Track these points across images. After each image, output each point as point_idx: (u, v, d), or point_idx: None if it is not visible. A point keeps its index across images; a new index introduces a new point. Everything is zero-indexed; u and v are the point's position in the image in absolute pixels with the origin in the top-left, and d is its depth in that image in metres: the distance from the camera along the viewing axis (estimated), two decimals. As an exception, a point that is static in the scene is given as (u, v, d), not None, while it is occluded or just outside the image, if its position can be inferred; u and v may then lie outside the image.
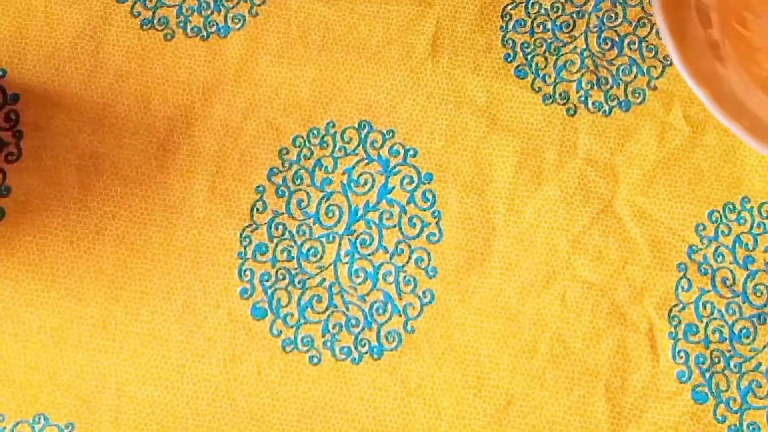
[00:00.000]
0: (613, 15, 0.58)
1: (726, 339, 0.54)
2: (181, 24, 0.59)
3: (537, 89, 0.58)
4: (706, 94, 0.49)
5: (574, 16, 0.57)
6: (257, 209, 0.56)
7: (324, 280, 0.55)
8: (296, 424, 0.53)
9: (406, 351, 0.54)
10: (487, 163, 0.56)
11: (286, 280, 0.55)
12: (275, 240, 0.55)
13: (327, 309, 0.54)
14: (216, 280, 0.55)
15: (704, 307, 0.54)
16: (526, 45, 0.58)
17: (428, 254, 0.55)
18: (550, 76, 0.57)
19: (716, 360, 0.53)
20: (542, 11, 0.57)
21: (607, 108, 0.57)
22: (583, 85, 0.57)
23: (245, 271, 0.55)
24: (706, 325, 0.54)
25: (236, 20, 0.59)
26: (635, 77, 0.57)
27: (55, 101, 0.58)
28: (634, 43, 0.58)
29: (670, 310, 0.54)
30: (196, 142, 0.57)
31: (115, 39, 0.59)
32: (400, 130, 0.57)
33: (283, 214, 0.56)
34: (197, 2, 0.59)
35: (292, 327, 0.54)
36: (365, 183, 0.56)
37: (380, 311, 0.54)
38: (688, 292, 0.54)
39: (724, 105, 0.49)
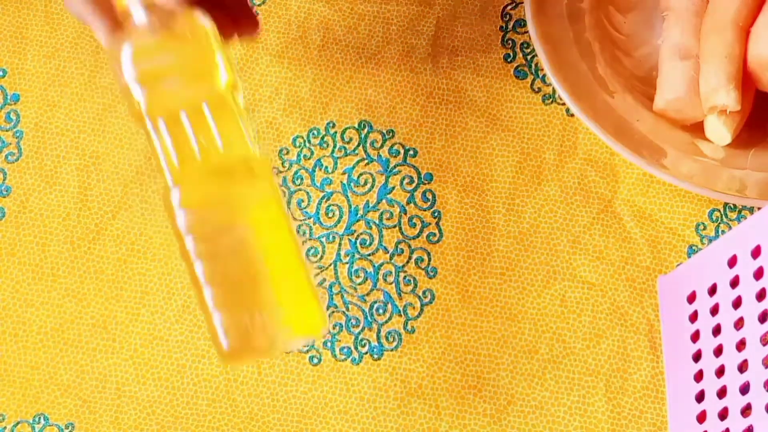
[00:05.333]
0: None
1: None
2: (181, 24, 0.59)
3: (537, 89, 0.58)
4: (599, 125, 0.53)
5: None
6: (257, 209, 0.56)
7: (324, 280, 0.54)
8: (296, 424, 0.53)
9: (406, 351, 0.54)
10: (487, 163, 0.56)
11: (286, 280, 0.55)
12: (275, 240, 0.55)
13: (327, 309, 0.54)
14: (216, 280, 0.55)
15: (704, 307, 0.54)
16: (526, 45, 0.58)
17: (428, 254, 0.55)
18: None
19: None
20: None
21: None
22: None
23: (245, 271, 0.55)
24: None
25: (236, 20, 0.59)
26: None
27: (55, 101, 0.58)
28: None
29: (670, 310, 0.54)
30: (196, 142, 0.57)
31: (115, 39, 0.59)
32: (400, 130, 0.57)
33: (283, 214, 0.56)
34: (197, 2, 0.59)
35: (292, 327, 0.54)
36: (365, 183, 0.56)
37: (380, 311, 0.54)
38: (688, 292, 0.54)
39: (612, 131, 0.53)
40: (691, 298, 0.50)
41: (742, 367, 0.44)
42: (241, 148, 0.44)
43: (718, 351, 0.47)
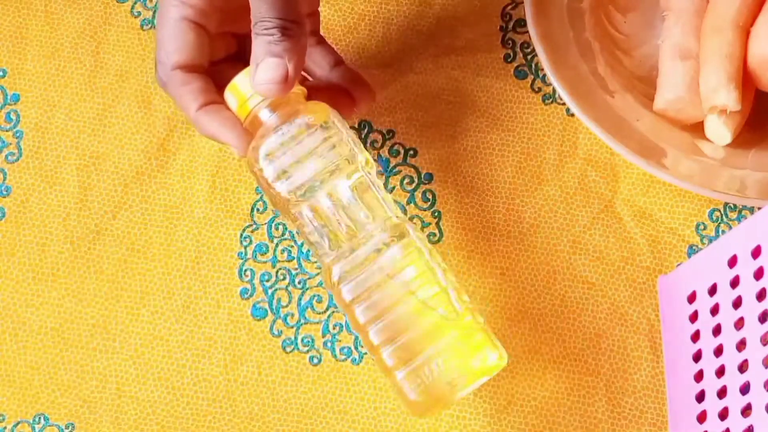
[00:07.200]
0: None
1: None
2: (181, 24, 0.59)
3: (537, 89, 0.58)
4: (600, 126, 0.53)
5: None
6: (257, 209, 0.56)
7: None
8: (296, 424, 0.53)
9: (406, 351, 0.54)
10: (487, 163, 0.56)
11: (287, 281, 0.55)
12: (275, 240, 0.55)
13: (327, 309, 0.54)
14: (216, 280, 0.55)
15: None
16: (526, 45, 0.58)
17: (428, 254, 0.55)
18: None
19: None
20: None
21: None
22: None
23: (246, 271, 0.55)
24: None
25: (236, 20, 0.59)
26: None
27: (55, 101, 0.58)
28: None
29: (670, 310, 0.54)
30: (196, 142, 0.57)
31: (115, 39, 0.59)
32: (400, 131, 0.57)
33: (283, 214, 0.56)
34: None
35: (292, 327, 0.54)
36: (365, 183, 0.56)
37: (380, 311, 0.54)
38: (688, 292, 0.54)
39: (612, 131, 0.53)
40: (691, 298, 0.50)
41: (742, 367, 0.44)
42: (382, 217, 0.49)
43: (718, 351, 0.47)
